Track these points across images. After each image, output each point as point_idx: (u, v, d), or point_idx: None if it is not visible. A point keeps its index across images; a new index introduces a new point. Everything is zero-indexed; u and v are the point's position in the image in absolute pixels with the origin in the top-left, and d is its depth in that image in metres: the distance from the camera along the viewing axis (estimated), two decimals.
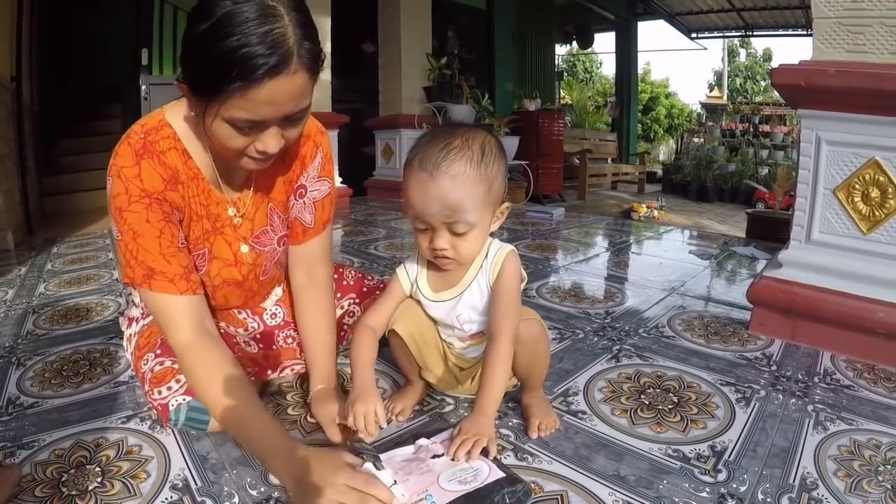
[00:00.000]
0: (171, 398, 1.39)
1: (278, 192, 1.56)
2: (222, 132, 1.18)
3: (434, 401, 1.65)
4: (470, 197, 1.30)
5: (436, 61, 6.77)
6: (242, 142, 1.20)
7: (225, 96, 1.10)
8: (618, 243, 4.30)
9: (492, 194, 1.35)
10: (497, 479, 1.18)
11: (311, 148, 1.57)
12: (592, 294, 2.81)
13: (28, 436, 1.44)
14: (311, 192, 1.60)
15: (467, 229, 1.33)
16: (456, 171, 1.29)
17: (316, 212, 1.61)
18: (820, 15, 1.97)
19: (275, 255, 1.61)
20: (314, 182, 1.60)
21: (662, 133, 25.61)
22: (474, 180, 1.30)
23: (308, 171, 1.58)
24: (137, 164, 1.27)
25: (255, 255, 1.55)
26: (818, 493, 1.25)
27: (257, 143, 1.21)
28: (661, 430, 1.50)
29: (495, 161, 1.35)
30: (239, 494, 1.22)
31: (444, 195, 1.29)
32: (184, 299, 1.33)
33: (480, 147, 1.33)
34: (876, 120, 1.89)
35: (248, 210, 1.52)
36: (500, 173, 1.37)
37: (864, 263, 1.98)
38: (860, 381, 1.83)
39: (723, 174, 10.81)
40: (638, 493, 1.24)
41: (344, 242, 4.18)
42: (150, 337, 1.53)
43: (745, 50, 28.58)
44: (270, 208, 1.56)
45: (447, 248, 1.35)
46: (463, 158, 1.30)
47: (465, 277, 1.48)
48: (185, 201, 1.37)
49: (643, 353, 2.03)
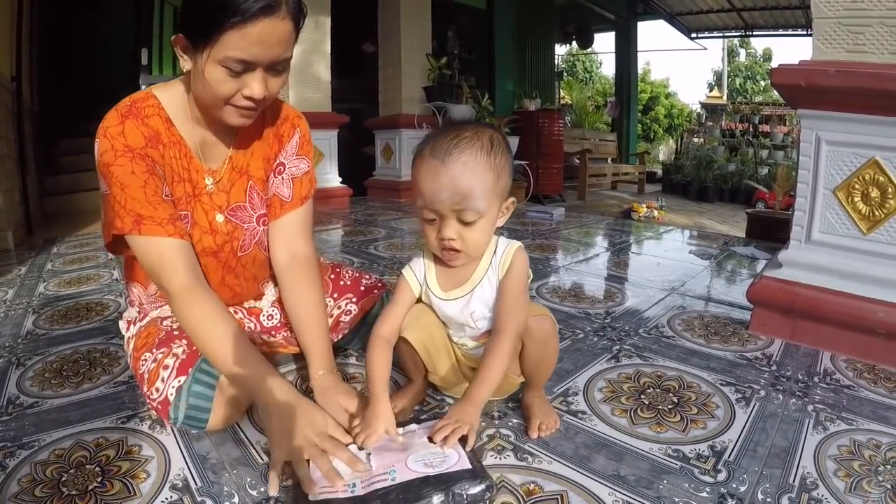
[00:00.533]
0: (166, 390, 1.39)
1: (257, 168, 1.63)
2: (215, 76, 1.29)
3: (434, 401, 1.65)
4: (480, 183, 1.32)
5: (436, 61, 6.77)
6: (232, 86, 1.31)
7: (221, 35, 1.23)
8: (618, 243, 4.30)
9: (500, 185, 1.37)
10: (462, 469, 1.20)
11: (288, 128, 1.67)
12: (592, 294, 2.81)
13: (28, 436, 1.44)
14: (290, 169, 1.67)
15: (476, 218, 1.34)
16: (467, 159, 1.32)
17: (294, 187, 1.67)
18: (820, 15, 1.97)
19: (255, 234, 1.64)
20: (292, 160, 1.67)
21: (662, 133, 25.64)
22: (484, 167, 1.33)
23: (286, 149, 1.67)
24: (122, 123, 1.37)
25: (232, 227, 1.59)
26: (818, 493, 1.25)
27: (244, 89, 1.31)
28: (661, 430, 1.50)
29: (503, 154, 1.37)
30: (239, 494, 1.22)
31: (455, 181, 1.30)
32: (175, 242, 1.39)
33: (490, 139, 1.36)
34: (876, 120, 1.89)
35: (224, 183, 1.57)
36: (508, 167, 1.39)
37: (864, 263, 1.98)
38: (860, 381, 1.83)
39: (723, 174, 10.82)
40: (638, 493, 1.24)
41: (344, 242, 4.19)
42: (147, 337, 1.53)
43: (744, 50, 28.62)
44: (250, 186, 1.62)
45: (455, 238, 1.36)
46: (473, 147, 1.33)
47: (476, 274, 1.48)
48: (164, 161, 1.44)
49: (643, 353, 2.03)
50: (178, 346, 1.43)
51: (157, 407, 1.42)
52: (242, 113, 1.37)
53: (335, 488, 1.16)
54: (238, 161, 1.59)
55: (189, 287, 1.38)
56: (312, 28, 5.69)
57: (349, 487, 1.17)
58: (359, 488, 1.17)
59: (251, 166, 1.61)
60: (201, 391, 1.38)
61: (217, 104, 1.35)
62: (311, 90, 5.82)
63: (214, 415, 1.41)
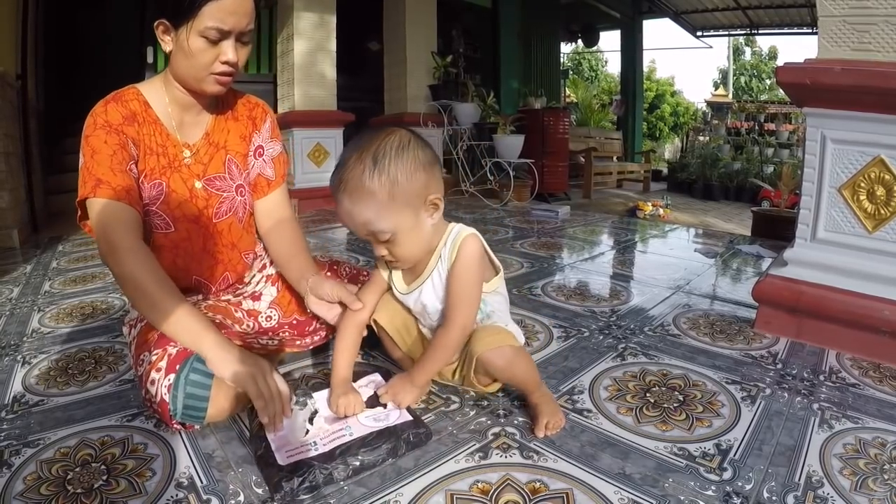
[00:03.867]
0: (159, 385, 1.39)
1: (234, 143, 1.81)
2: (197, 45, 1.48)
3: (439, 399, 1.65)
4: (369, 210, 1.36)
5: (441, 60, 6.77)
6: (211, 54, 1.50)
7: (201, 9, 1.43)
8: (623, 241, 4.29)
9: (397, 198, 1.37)
10: (405, 420, 1.46)
11: (260, 112, 1.88)
12: (598, 292, 2.81)
13: (33, 434, 1.45)
14: (268, 151, 1.88)
15: (389, 236, 1.41)
16: (351, 189, 1.36)
17: (275, 166, 1.90)
18: (825, 13, 1.96)
19: (233, 203, 1.80)
20: (269, 143, 1.88)
21: (668, 131, 25.60)
22: (369, 192, 1.35)
23: (261, 131, 1.87)
24: (105, 105, 1.58)
25: (208, 194, 1.75)
26: (823, 492, 1.25)
27: (221, 56, 1.51)
28: (667, 429, 1.50)
29: (392, 162, 1.36)
30: (244, 493, 1.23)
31: (350, 215, 1.39)
32: (125, 207, 1.52)
33: (373, 156, 1.36)
34: (881, 118, 1.88)
35: (202, 156, 1.74)
36: (404, 171, 1.37)
37: (869, 262, 1.98)
38: (865, 380, 1.82)
39: (728, 172, 10.80)
40: (643, 491, 1.24)
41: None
42: (146, 334, 1.54)
43: (750, 48, 28.58)
44: (228, 159, 1.80)
45: (386, 254, 1.46)
46: (354, 175, 1.36)
47: (428, 267, 1.54)
48: (139, 137, 1.62)
49: (648, 351, 2.03)
50: (172, 347, 1.43)
51: (156, 408, 1.42)
52: (219, 80, 1.56)
53: (302, 449, 1.33)
54: (215, 137, 1.78)
55: (132, 247, 1.49)
56: (318, 26, 5.70)
57: (312, 447, 1.34)
58: (320, 446, 1.35)
59: (229, 142, 1.80)
60: (198, 380, 1.40)
61: (199, 75, 1.54)
62: (317, 88, 5.82)
63: (213, 404, 1.43)
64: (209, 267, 1.80)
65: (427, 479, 1.28)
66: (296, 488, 1.21)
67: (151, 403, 1.43)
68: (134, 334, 1.63)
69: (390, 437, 1.37)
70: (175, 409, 1.39)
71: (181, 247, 1.72)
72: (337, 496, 1.21)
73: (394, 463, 1.34)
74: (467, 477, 1.28)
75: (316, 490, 1.23)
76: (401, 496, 1.22)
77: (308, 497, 1.21)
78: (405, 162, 1.37)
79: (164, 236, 1.68)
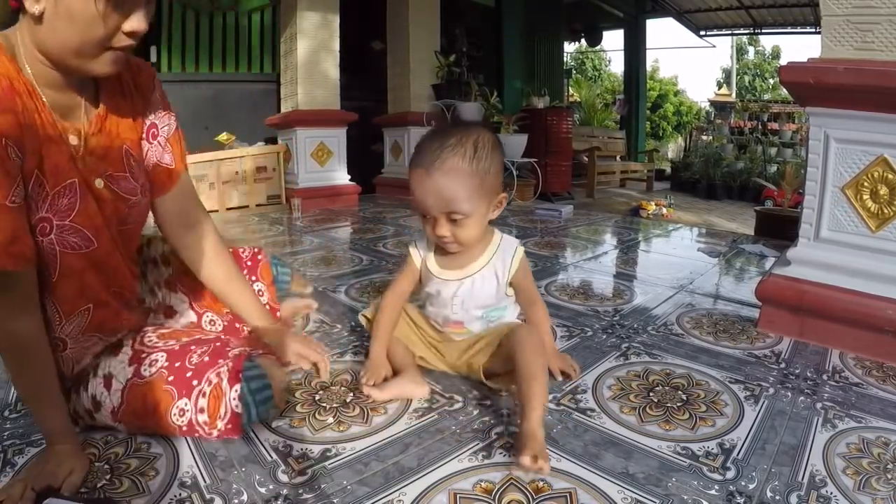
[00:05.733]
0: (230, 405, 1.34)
1: (128, 129, 1.38)
2: (89, 10, 1.04)
3: (443, 398, 1.66)
4: (464, 189, 1.48)
5: (444, 59, 6.76)
6: (113, 22, 1.08)
7: None
8: (626, 241, 4.29)
9: (485, 186, 1.51)
10: None
11: (146, 78, 1.43)
12: (601, 291, 2.81)
13: (37, 433, 1.44)
14: (162, 129, 1.47)
15: (463, 218, 1.51)
16: (449, 167, 1.47)
17: (173, 149, 1.49)
18: (829, 13, 1.96)
19: (142, 211, 1.45)
20: (161, 117, 1.47)
21: (671, 131, 25.55)
22: (467, 174, 1.48)
23: (151, 102, 1.44)
24: None
25: (114, 196, 1.33)
26: (827, 491, 1.25)
27: (126, 24, 1.10)
28: (670, 428, 1.51)
29: (488, 156, 1.50)
30: (248, 492, 1.23)
31: (440, 189, 1.48)
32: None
33: (473, 144, 1.49)
34: (884, 118, 1.88)
35: (94, 147, 1.29)
36: (494, 166, 1.52)
37: (872, 261, 1.98)
38: (869, 379, 1.82)
39: (731, 172, 10.77)
40: (647, 490, 1.24)
41: (353, 240, 4.20)
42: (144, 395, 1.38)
43: (753, 48, 28.50)
44: (125, 152, 1.37)
45: (447, 235, 1.54)
46: (456, 155, 1.47)
47: (474, 264, 1.67)
48: (26, 117, 1.13)
49: (652, 350, 2.03)
50: (212, 373, 1.36)
51: (224, 428, 1.36)
52: (118, 56, 1.15)
53: None
54: (108, 124, 1.33)
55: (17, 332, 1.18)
56: (321, 26, 5.70)
57: None
58: None
59: (122, 127, 1.37)
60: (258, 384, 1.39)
61: (90, 49, 1.10)
62: (320, 88, 5.82)
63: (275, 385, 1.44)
64: (123, 275, 1.44)
65: (430, 478, 1.28)
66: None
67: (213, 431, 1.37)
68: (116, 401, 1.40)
69: None
70: (248, 416, 1.37)
71: (104, 262, 1.35)
72: (340, 495, 1.22)
73: (397, 462, 1.34)
74: (471, 476, 1.29)
75: (319, 489, 1.24)
76: (404, 495, 1.22)
77: (311, 496, 1.21)
78: (497, 159, 1.54)
79: (80, 256, 1.27)
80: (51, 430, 1.27)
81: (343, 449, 1.40)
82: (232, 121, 6.63)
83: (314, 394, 1.67)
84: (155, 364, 1.40)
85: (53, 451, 1.25)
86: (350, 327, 2.23)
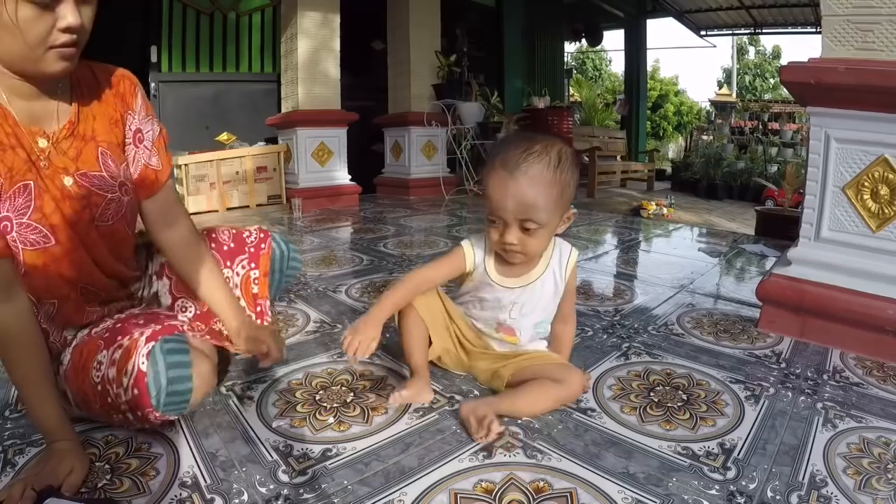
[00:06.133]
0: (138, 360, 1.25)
1: (104, 131, 1.44)
2: (25, 14, 1.10)
3: (443, 398, 1.66)
4: (544, 197, 1.45)
5: (445, 59, 6.77)
6: (46, 23, 1.13)
7: None
8: (627, 241, 4.30)
9: (563, 198, 1.50)
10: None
11: (128, 85, 1.51)
12: (602, 291, 2.82)
13: (37, 433, 1.44)
14: (147, 134, 1.53)
15: (537, 227, 1.48)
16: (534, 173, 1.44)
17: (159, 153, 1.55)
18: (829, 13, 1.96)
19: (121, 207, 1.46)
20: (145, 122, 1.53)
21: (671, 131, 25.53)
22: (549, 183, 1.45)
23: (134, 110, 1.51)
24: None
25: (85, 191, 1.38)
26: (827, 491, 1.25)
27: (59, 22, 1.14)
28: (671, 428, 1.51)
29: (570, 169, 1.50)
30: (248, 492, 1.23)
31: (521, 193, 1.44)
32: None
33: (558, 154, 1.48)
34: (885, 117, 1.88)
35: (66, 148, 1.37)
36: (573, 181, 1.52)
37: (873, 261, 1.98)
38: (869, 379, 1.82)
39: (732, 172, 10.75)
40: (647, 490, 1.24)
41: (353, 240, 4.20)
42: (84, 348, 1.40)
43: (754, 47, 28.47)
44: (101, 153, 1.42)
45: (516, 244, 1.50)
46: (541, 162, 1.45)
47: (535, 270, 1.66)
48: None
49: (652, 350, 2.03)
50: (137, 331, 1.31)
51: (130, 396, 1.26)
52: (63, 53, 1.19)
53: None
54: (81, 128, 1.40)
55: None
56: (321, 25, 5.71)
57: None
58: None
59: (97, 131, 1.43)
60: (175, 347, 1.29)
61: (34, 53, 1.17)
62: (320, 87, 5.83)
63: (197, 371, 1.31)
64: (98, 276, 1.48)
65: (431, 478, 1.28)
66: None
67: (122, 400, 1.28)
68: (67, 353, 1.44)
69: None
70: (158, 390, 1.25)
71: (66, 259, 1.38)
72: (341, 495, 1.22)
73: (397, 462, 1.34)
74: (471, 476, 1.29)
75: (320, 489, 1.24)
76: (404, 495, 1.22)
77: (312, 496, 1.21)
78: (575, 173, 1.53)
79: (41, 253, 1.33)
80: (46, 425, 1.27)
81: (344, 449, 1.40)
82: (232, 121, 6.64)
83: (314, 393, 1.67)
84: (103, 326, 1.45)
85: (53, 449, 1.25)
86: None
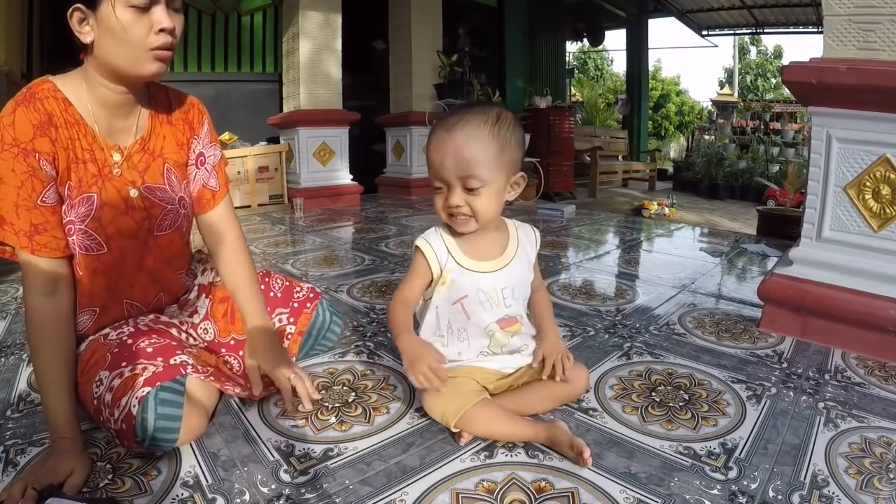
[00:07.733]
0: (131, 401, 1.28)
1: (171, 151, 1.61)
2: (127, 18, 1.27)
3: None
4: (483, 152, 1.41)
5: (447, 59, 6.77)
6: (144, 25, 1.29)
7: None
8: (628, 240, 4.29)
9: (504, 155, 1.45)
10: None
11: (196, 114, 1.68)
12: (603, 291, 2.81)
13: (39, 433, 1.45)
14: (209, 158, 1.70)
15: (480, 185, 1.42)
16: (470, 129, 1.42)
17: (218, 175, 1.72)
18: (831, 12, 1.96)
19: (178, 218, 1.62)
20: (209, 148, 1.70)
21: (673, 130, 25.55)
22: (487, 137, 1.42)
23: (200, 136, 1.68)
24: (13, 112, 1.31)
25: (149, 203, 1.53)
26: (829, 491, 1.25)
27: (155, 25, 1.30)
28: (672, 428, 1.51)
29: (510, 128, 1.46)
30: (250, 491, 1.23)
31: (459, 149, 1.40)
32: (27, 256, 1.36)
33: (497, 113, 1.46)
34: (887, 117, 1.88)
35: (136, 162, 1.53)
36: (515, 139, 1.47)
37: (874, 261, 1.98)
38: (871, 379, 1.82)
39: (733, 171, 10.74)
40: (649, 490, 1.24)
41: (355, 240, 4.20)
42: (94, 352, 1.44)
43: (755, 47, 28.48)
44: (167, 168, 1.59)
45: (462, 205, 1.44)
46: (477, 119, 1.43)
47: (508, 250, 1.60)
48: (57, 145, 1.36)
49: (654, 350, 2.03)
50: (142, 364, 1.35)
51: (118, 429, 1.30)
52: (159, 55, 1.34)
53: None
54: (151, 144, 1.56)
55: (36, 307, 1.36)
56: (323, 25, 5.71)
57: None
58: None
59: (165, 149, 1.59)
60: (169, 398, 1.31)
61: (136, 53, 1.32)
62: (322, 87, 5.83)
63: (185, 425, 1.33)
64: (142, 287, 1.61)
65: (432, 477, 1.29)
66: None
67: (112, 425, 1.32)
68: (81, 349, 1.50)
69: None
70: (144, 431, 1.27)
71: (114, 269, 1.51)
72: (342, 495, 1.22)
73: (399, 462, 1.34)
74: (473, 476, 1.29)
75: (321, 489, 1.24)
76: (406, 495, 1.22)
77: (313, 496, 1.22)
78: (518, 133, 1.49)
79: (94, 259, 1.45)
80: (55, 420, 1.30)
81: (345, 448, 1.40)
82: (234, 121, 6.62)
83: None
84: (120, 332, 1.50)
85: (55, 448, 1.26)
86: (352, 327, 2.24)
